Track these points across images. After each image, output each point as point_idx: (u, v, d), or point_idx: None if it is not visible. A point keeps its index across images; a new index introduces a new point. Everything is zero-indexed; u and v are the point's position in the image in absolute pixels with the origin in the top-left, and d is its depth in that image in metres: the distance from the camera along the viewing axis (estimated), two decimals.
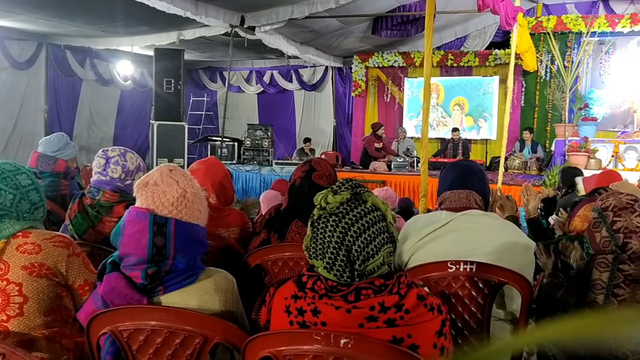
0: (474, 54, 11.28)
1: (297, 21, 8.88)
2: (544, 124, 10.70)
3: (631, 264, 1.89)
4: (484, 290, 1.88)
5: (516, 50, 7.78)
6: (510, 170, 9.47)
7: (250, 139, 10.03)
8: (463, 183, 2.10)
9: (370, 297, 1.21)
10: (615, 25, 9.83)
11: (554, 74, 10.25)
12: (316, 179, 2.37)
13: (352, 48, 11.72)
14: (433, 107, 11.77)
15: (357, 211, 1.25)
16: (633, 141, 7.87)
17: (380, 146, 10.12)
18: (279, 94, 13.78)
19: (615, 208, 1.98)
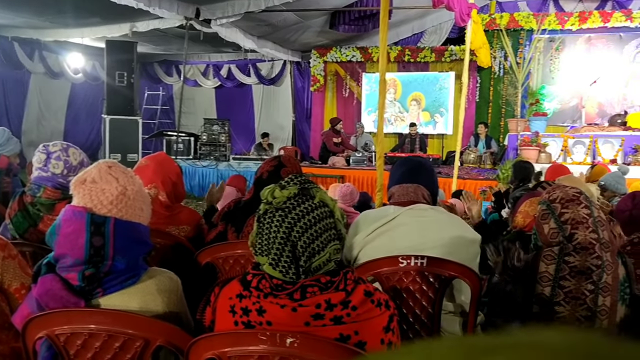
0: (430, 49, 11.43)
1: (254, 14, 8.77)
2: (498, 119, 10.94)
3: (576, 255, 1.94)
4: (434, 285, 1.89)
5: (471, 46, 7.92)
6: (466, 165, 9.67)
7: (206, 133, 9.87)
8: (411, 178, 2.12)
9: (317, 294, 1.19)
10: (565, 23, 10.14)
11: (507, 70, 10.50)
12: (284, 174, 2.35)
13: (311, 42, 11.69)
14: (391, 102, 11.87)
15: (305, 206, 1.22)
16: (581, 136, 8.14)
17: (339, 141, 10.14)
18: (237, 88, 13.61)
19: (562, 200, 2.02)
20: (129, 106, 9.54)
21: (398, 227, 1.99)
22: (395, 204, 2.09)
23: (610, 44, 10.33)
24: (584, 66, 10.38)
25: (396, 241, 1.97)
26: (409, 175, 2.14)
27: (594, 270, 1.92)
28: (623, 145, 7.78)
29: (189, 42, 9.88)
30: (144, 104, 13.67)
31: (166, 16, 8.52)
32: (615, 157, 7.74)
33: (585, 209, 1.98)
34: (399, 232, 1.99)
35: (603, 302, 1.92)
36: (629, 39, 10.22)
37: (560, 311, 1.94)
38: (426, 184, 2.13)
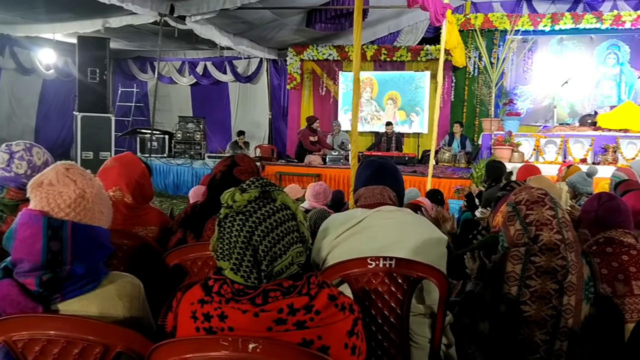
0: (406, 49, 11.49)
1: (229, 12, 8.71)
2: (473, 119, 11.07)
3: (542, 256, 1.96)
4: (403, 286, 1.89)
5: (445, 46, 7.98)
6: (441, 164, 9.75)
7: (181, 131, 9.76)
8: (377, 180, 2.11)
9: (279, 299, 1.17)
10: (538, 24, 10.30)
11: (481, 70, 10.62)
12: (237, 174, 2.32)
13: (287, 40, 11.65)
14: (367, 101, 11.91)
15: (266, 210, 1.21)
16: (553, 135, 8.27)
17: (316, 139, 10.14)
18: (213, 85, 13.50)
19: (527, 202, 2.04)
20: (102, 103, 9.39)
21: (365, 230, 1.99)
22: (362, 207, 2.09)
23: (582, 45, 10.54)
24: (556, 67, 10.58)
25: (364, 243, 1.96)
26: (375, 177, 2.13)
27: (559, 270, 1.94)
28: (593, 145, 7.94)
29: (164, 38, 9.76)
30: (117, 101, 13.47)
31: (139, 12, 8.40)
32: (585, 157, 7.89)
33: (550, 210, 2.00)
34: (366, 234, 1.98)
35: (568, 301, 1.95)
36: (599, 41, 10.44)
37: (526, 310, 1.96)
38: (392, 186, 2.13)
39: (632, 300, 2.25)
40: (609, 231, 2.38)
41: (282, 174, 9.03)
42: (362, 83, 11.83)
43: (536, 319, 1.95)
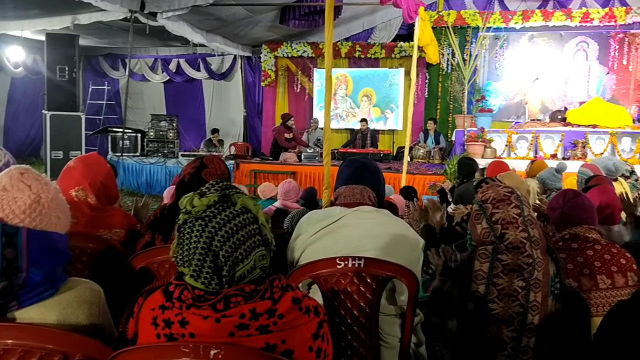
0: (380, 45, 11.53)
1: (202, 8, 8.61)
2: (446, 115, 11.17)
3: (508, 254, 1.98)
4: (372, 285, 1.88)
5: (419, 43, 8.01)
6: (415, 160, 9.83)
7: (154, 130, 9.62)
8: (358, 179, 2.11)
9: (241, 304, 1.16)
10: (509, 21, 10.43)
11: (454, 66, 10.71)
12: (206, 176, 2.29)
13: (261, 37, 11.58)
14: (342, 98, 11.92)
15: (225, 214, 1.19)
16: (524, 131, 8.40)
17: (291, 137, 10.11)
18: (187, 83, 13.35)
19: (493, 200, 2.06)
20: (71, 101, 9.21)
21: (341, 229, 1.98)
22: (342, 205, 2.08)
23: (552, 42, 10.71)
24: (528, 63, 10.74)
25: (338, 242, 1.96)
26: (356, 176, 2.13)
27: (525, 268, 1.96)
28: (563, 140, 8.09)
29: (135, 35, 9.60)
30: (88, 99, 13.22)
31: (109, 8, 8.24)
32: (555, 152, 8.04)
33: (516, 208, 2.02)
34: (341, 233, 1.98)
35: (534, 298, 1.97)
36: (569, 38, 10.63)
37: (494, 308, 1.97)
38: (372, 186, 2.13)
39: (598, 294, 2.29)
40: (574, 227, 2.42)
41: (257, 172, 8.98)
42: (337, 80, 11.85)
43: (503, 317, 1.97)
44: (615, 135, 7.89)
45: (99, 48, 12.89)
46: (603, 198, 2.86)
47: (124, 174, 9.27)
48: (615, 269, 2.30)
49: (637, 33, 10.16)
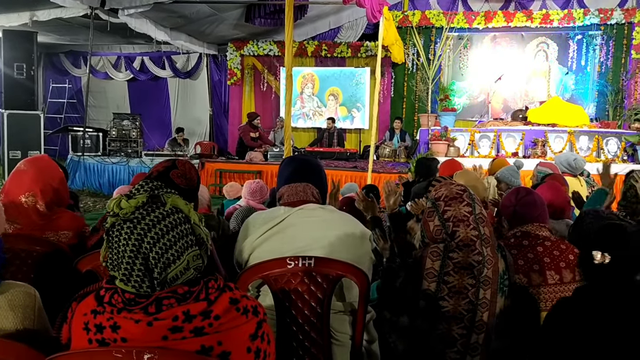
0: (346, 45, 11.56)
1: (165, 5, 8.48)
2: (412, 114, 11.28)
3: (459, 252, 2.00)
4: (322, 285, 1.87)
5: (383, 42, 8.08)
6: (382, 159, 9.88)
7: (116, 129, 9.42)
8: (300, 177, 2.09)
9: (174, 306, 1.13)
10: (472, 22, 10.60)
11: (419, 66, 10.82)
12: (174, 176, 2.25)
13: (227, 35, 11.48)
14: (309, 97, 11.92)
15: (155, 215, 1.16)
16: (486, 130, 8.54)
17: (257, 136, 10.04)
18: (151, 81, 13.14)
19: (446, 198, 2.07)
20: (30, 100, 8.94)
21: (288, 229, 1.96)
22: (286, 205, 2.06)
23: (514, 43, 10.93)
24: (491, 63, 10.93)
25: (286, 243, 1.94)
26: (298, 174, 2.11)
27: (475, 266, 1.98)
28: (524, 139, 8.25)
29: (97, 32, 9.40)
30: (49, 98, 12.88)
31: (68, 5, 8.05)
32: (517, 151, 8.19)
33: (467, 206, 2.04)
34: (288, 233, 1.96)
35: (484, 295, 1.99)
36: (530, 39, 10.86)
37: (444, 305, 1.99)
38: (315, 183, 2.11)
39: (547, 289, 2.33)
40: (525, 225, 2.46)
41: (222, 171, 8.89)
42: (304, 79, 11.84)
43: (453, 314, 1.99)
44: (573, 134, 8.09)
45: (59, 45, 12.57)
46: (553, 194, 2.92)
47: (85, 174, 9.06)
48: (563, 264, 2.35)
49: (595, 34, 10.45)
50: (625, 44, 10.30)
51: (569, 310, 1.75)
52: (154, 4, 8.19)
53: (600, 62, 10.48)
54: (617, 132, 8.34)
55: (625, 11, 10.09)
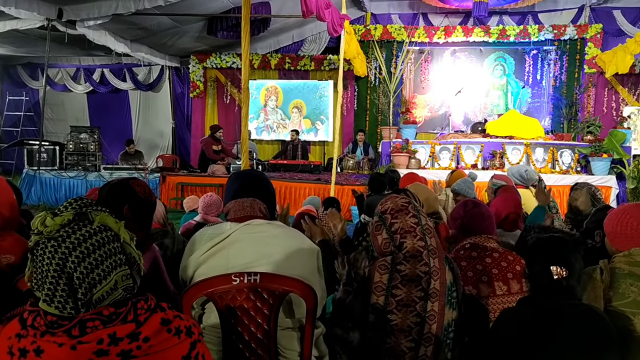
0: (310, 58, 11.63)
1: (124, 17, 8.37)
2: (375, 127, 11.38)
3: (406, 264, 2.01)
4: (268, 301, 1.85)
5: (345, 56, 8.16)
6: (345, 171, 9.93)
7: (73, 142, 9.19)
8: (247, 192, 2.07)
9: (99, 329, 1.09)
10: (433, 36, 10.82)
11: (382, 79, 10.96)
12: (134, 184, 2.22)
13: (189, 48, 11.40)
14: (273, 109, 11.92)
15: (81, 233, 1.12)
16: (446, 142, 8.68)
17: (219, 148, 9.96)
18: (112, 93, 12.90)
19: (392, 211, 2.08)
20: None
21: (233, 245, 1.94)
22: (232, 220, 2.04)
23: (473, 57, 11.20)
24: (451, 77, 11.15)
25: (231, 259, 1.91)
26: (245, 189, 2.09)
27: (422, 277, 1.99)
28: (483, 151, 8.42)
29: (55, 44, 9.21)
30: (5, 110, 12.51)
31: (24, 16, 7.87)
32: (476, 162, 8.35)
33: (413, 217, 2.06)
34: (234, 249, 1.93)
35: (432, 307, 2.00)
36: (488, 53, 11.15)
37: (393, 319, 1.99)
38: (263, 198, 2.10)
39: (495, 300, 2.37)
40: (474, 237, 2.50)
41: (184, 184, 8.77)
42: (267, 91, 11.85)
43: (402, 327, 1.99)
44: (529, 145, 8.30)
45: (17, 57, 12.26)
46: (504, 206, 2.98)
47: (41, 189, 8.80)
48: (511, 275, 2.39)
49: (550, 49, 10.80)
50: (578, 58, 10.67)
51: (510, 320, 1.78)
52: (112, 15, 8.09)
53: (555, 76, 10.83)
54: (571, 144, 8.60)
55: (577, 27, 10.47)
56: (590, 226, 2.75)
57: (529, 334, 1.65)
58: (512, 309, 1.91)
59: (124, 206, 2.08)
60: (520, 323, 1.71)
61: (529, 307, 1.76)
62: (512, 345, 1.70)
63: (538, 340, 1.63)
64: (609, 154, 8.14)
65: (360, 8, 11.36)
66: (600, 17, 10.60)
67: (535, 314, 1.69)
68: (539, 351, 1.62)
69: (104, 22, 8.40)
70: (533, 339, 1.64)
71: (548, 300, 1.73)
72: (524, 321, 1.70)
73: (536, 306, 1.72)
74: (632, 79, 10.42)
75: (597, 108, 10.52)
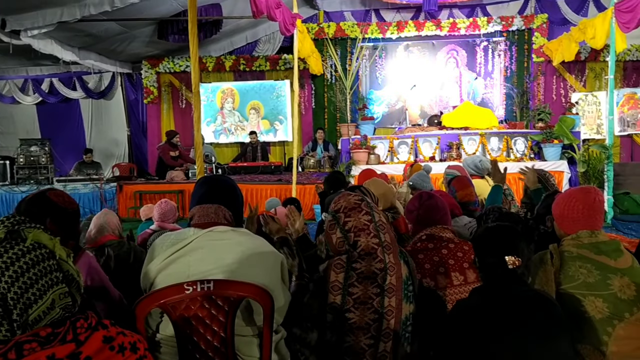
0: (265, 58, 11.56)
1: (70, 24, 8.12)
2: (334, 124, 11.41)
3: (362, 261, 2.01)
4: (224, 308, 1.82)
5: (299, 55, 8.14)
6: (307, 170, 9.92)
7: (24, 155, 8.87)
8: (212, 198, 2.03)
9: (36, 350, 1.04)
10: (385, 32, 10.92)
11: (337, 77, 10.99)
12: (52, 195, 2.15)
13: (140, 53, 11.17)
14: (230, 112, 11.81)
15: (14, 252, 1.07)
16: (404, 136, 8.78)
17: (177, 154, 9.80)
18: (63, 103, 12.51)
19: (345, 209, 2.08)
20: None
21: (194, 251, 1.89)
22: (196, 226, 2.00)
23: (426, 51, 11.36)
24: (405, 71, 11.28)
25: (192, 267, 1.86)
26: (210, 195, 2.05)
27: (378, 274, 2.00)
28: (439, 143, 8.55)
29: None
30: None
31: None
32: (433, 155, 8.47)
33: (367, 215, 2.06)
34: (195, 256, 1.88)
35: (389, 303, 2.01)
36: (440, 46, 11.32)
37: (350, 317, 1.99)
38: (228, 204, 2.06)
39: (453, 290, 2.40)
40: (429, 228, 2.53)
41: (142, 193, 8.59)
42: (223, 94, 11.72)
43: (360, 325, 1.99)
44: (484, 135, 8.48)
45: None
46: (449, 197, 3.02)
47: None
48: (467, 265, 2.42)
49: (499, 40, 11.05)
50: (526, 48, 10.96)
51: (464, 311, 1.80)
52: (58, 23, 7.84)
53: (506, 66, 11.09)
54: (524, 132, 8.83)
55: (524, 18, 10.75)
56: (542, 212, 2.82)
57: (482, 323, 1.67)
58: (465, 300, 1.93)
59: (45, 220, 2.01)
60: (473, 313, 1.73)
61: (481, 296, 1.78)
62: (467, 335, 1.72)
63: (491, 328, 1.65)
64: (559, 139, 8.39)
65: (312, 6, 11.37)
66: (545, 7, 10.91)
67: (487, 303, 1.71)
68: (493, 339, 1.65)
69: (49, 31, 8.14)
70: (486, 327, 1.66)
71: (499, 289, 1.76)
72: (477, 311, 1.72)
73: (488, 295, 1.75)
74: (579, 66, 10.77)
75: (547, 96, 10.83)
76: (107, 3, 7.44)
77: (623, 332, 1.89)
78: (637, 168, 8.43)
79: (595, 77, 10.74)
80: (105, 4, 7.47)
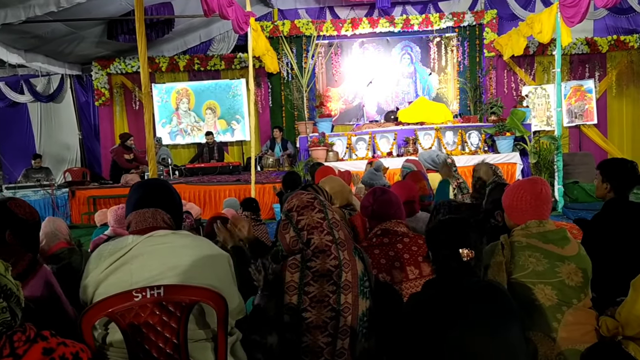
0: (219, 57, 11.42)
1: (14, 26, 7.79)
2: (292, 122, 11.37)
3: (316, 260, 1.99)
4: (175, 314, 1.77)
5: (254, 53, 8.08)
6: (266, 169, 9.86)
7: None
8: (148, 202, 1.97)
9: None
10: (340, 29, 10.95)
11: (294, 75, 10.96)
12: (12, 206, 2.05)
13: (90, 54, 10.85)
14: (185, 112, 11.61)
15: None
16: (362, 133, 8.83)
17: (131, 157, 9.57)
18: (9, 108, 12.00)
19: (298, 208, 2.06)
20: None
21: (136, 258, 1.83)
22: (134, 233, 1.93)
23: (380, 47, 11.45)
24: (361, 68, 11.35)
25: (135, 274, 1.80)
26: (146, 199, 1.98)
27: (333, 271, 1.99)
28: (396, 138, 8.65)
29: None
30: None
31: None
32: (391, 150, 8.56)
33: (320, 213, 2.05)
34: (137, 263, 1.82)
35: (345, 300, 2.00)
36: (394, 43, 11.45)
37: (308, 317, 1.97)
38: (166, 207, 2.00)
39: (408, 284, 2.42)
40: (384, 223, 2.54)
41: (96, 198, 8.34)
42: (178, 94, 11.52)
43: (317, 323, 1.98)
44: (439, 130, 8.62)
45: None
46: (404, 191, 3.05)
47: None
48: (421, 259, 2.45)
49: (451, 36, 11.26)
50: (478, 43, 11.19)
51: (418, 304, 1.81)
52: (1, 25, 7.51)
53: (458, 61, 11.30)
54: (478, 126, 9.02)
55: (475, 14, 10.98)
56: (489, 207, 2.87)
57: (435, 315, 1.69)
58: (419, 293, 1.95)
59: (4, 232, 1.92)
60: (426, 305, 1.75)
61: (434, 289, 1.80)
62: (421, 328, 1.73)
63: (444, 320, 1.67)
64: (511, 132, 8.61)
65: (266, 4, 11.30)
66: (494, 3, 11.17)
67: (440, 296, 1.73)
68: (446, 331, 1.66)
69: None
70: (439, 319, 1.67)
71: (452, 281, 1.78)
72: (430, 303, 1.74)
73: (440, 287, 1.77)
74: (528, 60, 11.08)
75: (499, 89, 11.10)
76: (53, 3, 7.18)
77: (572, 317, 1.94)
78: (585, 158, 8.75)
79: (543, 71, 11.06)
80: (50, 4, 7.22)
